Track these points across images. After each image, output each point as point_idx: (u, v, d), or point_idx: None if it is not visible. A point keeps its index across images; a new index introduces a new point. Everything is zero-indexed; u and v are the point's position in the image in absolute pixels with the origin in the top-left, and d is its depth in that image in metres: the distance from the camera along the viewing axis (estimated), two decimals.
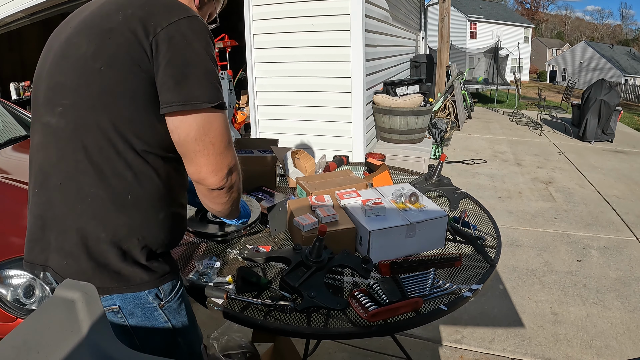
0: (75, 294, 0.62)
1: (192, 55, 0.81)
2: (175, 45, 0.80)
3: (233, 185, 0.93)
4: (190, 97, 0.81)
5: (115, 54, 0.80)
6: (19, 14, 5.21)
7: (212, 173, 0.87)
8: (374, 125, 4.69)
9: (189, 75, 0.81)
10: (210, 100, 0.82)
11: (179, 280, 0.97)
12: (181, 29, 0.81)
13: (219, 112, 0.85)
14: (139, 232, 0.86)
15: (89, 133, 0.81)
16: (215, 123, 0.85)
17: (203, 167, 0.86)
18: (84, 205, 0.83)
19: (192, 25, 0.82)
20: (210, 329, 1.82)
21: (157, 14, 0.82)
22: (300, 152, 1.89)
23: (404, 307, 1.01)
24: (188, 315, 0.99)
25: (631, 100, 19.77)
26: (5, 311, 1.65)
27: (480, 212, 1.64)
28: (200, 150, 0.84)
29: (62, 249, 0.84)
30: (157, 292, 0.90)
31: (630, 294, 2.63)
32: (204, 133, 0.84)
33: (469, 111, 9.01)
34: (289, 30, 3.92)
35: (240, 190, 0.98)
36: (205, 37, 0.84)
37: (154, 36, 0.80)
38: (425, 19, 9.65)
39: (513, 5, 51.12)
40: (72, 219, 0.84)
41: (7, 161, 2.52)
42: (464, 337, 2.20)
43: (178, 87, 0.80)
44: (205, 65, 0.82)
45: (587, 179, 5.02)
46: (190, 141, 0.83)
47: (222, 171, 0.88)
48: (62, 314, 0.61)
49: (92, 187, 0.82)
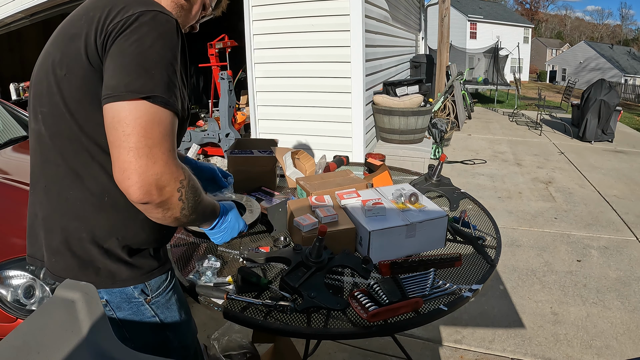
0: (75, 294, 0.62)
1: (133, 48, 0.75)
2: (120, 40, 0.76)
3: (167, 203, 0.78)
4: (116, 87, 0.74)
5: (75, 59, 0.79)
6: (19, 14, 5.22)
7: (123, 176, 0.74)
8: (373, 126, 4.69)
9: (124, 66, 0.75)
10: (135, 90, 0.73)
11: (168, 275, 0.97)
12: (132, 24, 0.76)
13: (151, 106, 0.75)
14: (118, 232, 0.86)
15: (63, 139, 0.83)
16: (140, 115, 0.74)
17: (117, 164, 0.74)
18: (65, 207, 0.86)
19: (144, 19, 0.77)
20: (210, 329, 1.82)
21: (113, 11, 0.79)
22: (300, 153, 1.89)
23: (404, 307, 1.01)
24: (180, 310, 1.00)
25: (631, 100, 19.77)
26: (5, 312, 1.65)
27: (480, 212, 1.64)
28: (115, 142, 0.74)
29: (50, 247, 0.88)
30: (144, 287, 0.91)
31: (630, 294, 2.63)
32: (118, 122, 0.73)
33: (469, 111, 9.01)
34: (289, 31, 3.92)
35: (195, 208, 0.83)
36: (159, 31, 0.78)
37: (105, 35, 0.77)
38: (425, 19, 9.66)
39: (513, 5, 51.16)
40: (56, 219, 0.87)
41: (7, 162, 2.52)
42: (464, 337, 2.20)
43: (110, 80, 0.75)
44: (145, 56, 0.75)
45: (587, 179, 5.02)
46: (108, 131, 0.75)
47: (142, 177, 0.73)
48: (62, 314, 0.61)
49: (71, 190, 0.85)
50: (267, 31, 4.00)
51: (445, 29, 7.40)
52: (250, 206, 1.41)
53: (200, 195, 0.85)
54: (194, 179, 0.83)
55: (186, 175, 0.80)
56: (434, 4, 9.06)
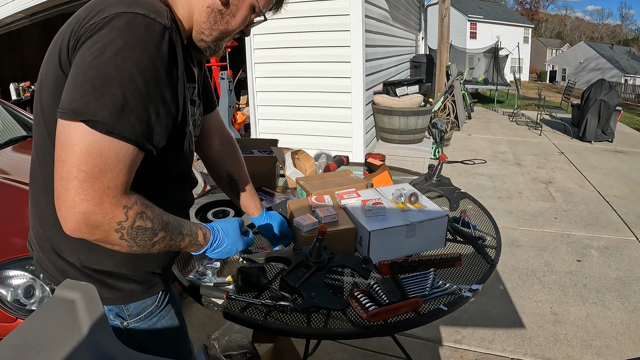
0: (75, 294, 0.62)
1: (90, 59, 0.65)
2: (84, 46, 0.66)
3: (105, 241, 0.70)
4: (63, 102, 0.66)
5: (51, 60, 0.73)
6: (19, 14, 5.21)
7: (56, 204, 0.66)
8: (373, 126, 4.69)
9: (75, 79, 0.65)
10: (75, 109, 0.63)
11: (157, 299, 0.88)
12: (101, 28, 0.66)
13: (91, 133, 0.64)
14: (79, 252, 0.80)
15: (38, 146, 0.80)
16: (76, 141, 0.64)
17: (54, 191, 0.66)
18: (36, 211, 0.84)
19: (116, 23, 0.65)
20: (210, 329, 1.82)
21: (94, 11, 0.69)
22: (300, 152, 1.89)
23: (404, 307, 1.01)
24: (169, 338, 0.92)
25: (631, 100, 19.77)
26: (5, 311, 1.65)
27: (480, 212, 1.64)
28: (54, 164, 0.66)
29: (31, 242, 0.90)
30: (119, 311, 0.83)
31: (630, 294, 2.63)
32: (58, 143, 0.66)
33: (469, 111, 9.01)
34: (289, 31, 3.92)
35: (151, 246, 0.74)
36: (128, 39, 0.65)
37: (76, 38, 0.68)
38: (425, 19, 9.66)
39: (513, 5, 51.18)
40: (33, 222, 0.87)
41: (7, 162, 2.52)
42: (464, 337, 2.20)
43: (64, 92, 0.67)
44: (98, 69, 0.64)
45: (587, 179, 5.02)
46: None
47: (70, 212, 0.65)
48: (62, 314, 0.61)
49: (40, 198, 0.82)
50: (267, 31, 3.99)
51: (445, 29, 7.40)
52: None
53: (156, 233, 0.73)
54: (146, 215, 0.71)
55: (130, 216, 0.68)
56: (434, 4, 9.06)
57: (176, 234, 0.78)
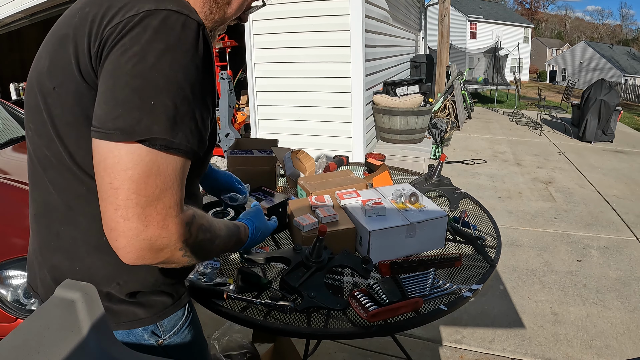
0: (75, 294, 0.62)
1: (130, 67, 0.57)
2: (116, 51, 0.58)
3: (168, 262, 0.65)
4: (103, 120, 0.58)
5: (65, 70, 0.63)
6: (19, 14, 5.22)
7: (111, 236, 0.60)
8: (373, 126, 4.69)
9: (114, 91, 0.58)
10: (125, 129, 0.56)
11: (185, 310, 0.85)
12: (132, 29, 0.58)
13: (148, 152, 0.58)
14: (119, 276, 0.73)
15: (52, 166, 0.69)
16: (131, 165, 0.57)
17: (105, 219, 0.60)
18: (56, 243, 0.74)
19: (150, 22, 0.58)
20: (211, 329, 1.82)
21: (113, 8, 0.61)
22: (300, 152, 1.89)
23: (404, 307, 1.01)
24: (198, 349, 0.89)
25: (631, 100, 19.78)
26: (5, 311, 1.65)
27: (480, 212, 1.64)
28: (102, 193, 0.59)
29: (44, 283, 0.78)
30: (154, 328, 0.79)
31: (630, 294, 2.63)
32: (104, 169, 0.58)
33: (469, 111, 9.02)
34: (289, 31, 3.93)
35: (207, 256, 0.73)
36: (169, 41, 0.59)
37: (100, 41, 0.60)
38: (425, 19, 9.66)
39: (513, 5, 51.21)
40: (47, 256, 0.76)
41: (7, 162, 2.52)
42: (464, 337, 2.20)
43: (98, 107, 0.59)
44: (144, 78, 0.57)
45: (587, 179, 5.02)
46: (96, 173, 0.60)
47: (132, 242, 0.59)
48: (62, 314, 0.61)
49: (62, 225, 0.72)
50: (267, 31, 4.00)
51: (445, 29, 7.40)
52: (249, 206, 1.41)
53: (214, 242, 0.71)
54: (204, 226, 0.68)
55: (193, 232, 0.65)
56: (434, 4, 9.06)
57: (226, 238, 0.76)
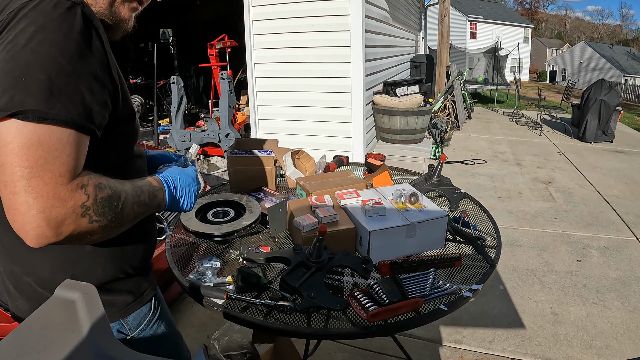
0: (75, 294, 0.62)
1: (4, 54, 0.60)
2: (2, 38, 0.61)
3: (76, 236, 0.63)
4: None
5: None
6: None
7: (9, 217, 0.60)
8: (373, 126, 4.69)
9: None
10: (1, 107, 0.58)
11: (151, 306, 0.85)
12: (9, 23, 0.61)
13: (24, 125, 0.58)
14: (64, 271, 0.74)
15: None
16: (9, 139, 0.58)
17: (4, 205, 0.60)
18: (2, 250, 0.76)
19: (23, 12, 0.61)
20: (210, 329, 1.82)
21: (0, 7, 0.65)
22: (300, 152, 1.89)
23: (404, 307, 1.01)
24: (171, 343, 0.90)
25: (631, 100, 19.79)
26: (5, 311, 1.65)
27: (480, 212, 1.64)
28: None
29: (8, 291, 0.80)
30: (119, 327, 0.79)
31: (630, 294, 2.63)
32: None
33: (469, 111, 9.02)
34: (289, 31, 3.93)
35: (119, 215, 0.69)
36: (40, 22, 0.60)
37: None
38: (425, 19, 9.66)
39: (513, 5, 51.21)
40: (1, 264, 0.78)
41: None
42: (464, 337, 2.20)
43: None
44: (15, 60, 0.59)
45: (587, 179, 5.03)
46: None
47: (26, 219, 0.58)
48: (62, 314, 0.61)
49: (2, 232, 0.74)
50: (267, 31, 4.00)
51: (445, 29, 7.40)
52: (250, 206, 1.41)
53: (120, 198, 0.68)
54: (102, 184, 0.66)
55: (90, 193, 0.63)
56: (434, 4, 9.06)
57: (134, 190, 0.73)
